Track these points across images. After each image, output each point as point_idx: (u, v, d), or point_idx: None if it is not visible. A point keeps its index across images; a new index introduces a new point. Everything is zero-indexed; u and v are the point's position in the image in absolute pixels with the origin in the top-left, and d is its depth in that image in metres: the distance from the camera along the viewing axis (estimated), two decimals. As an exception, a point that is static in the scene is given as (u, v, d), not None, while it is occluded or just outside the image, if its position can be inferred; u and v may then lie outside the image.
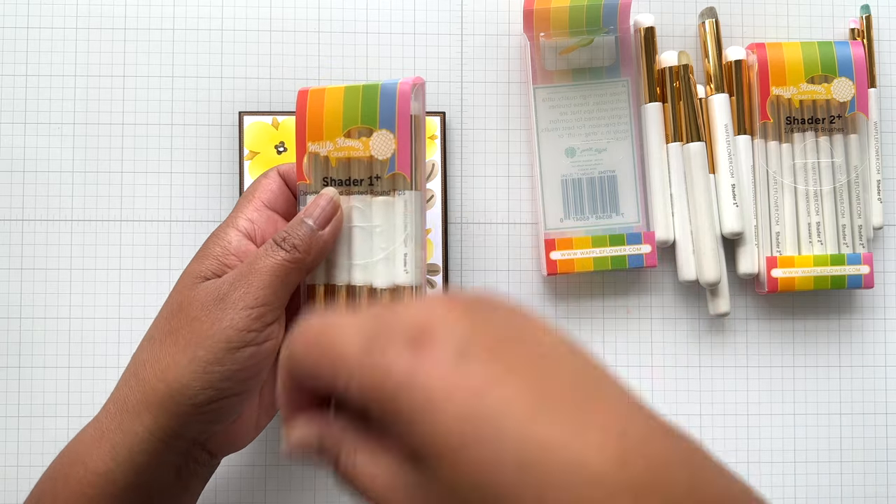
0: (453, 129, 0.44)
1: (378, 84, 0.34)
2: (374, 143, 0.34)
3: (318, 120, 0.34)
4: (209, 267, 0.32)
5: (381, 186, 0.34)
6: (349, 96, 0.34)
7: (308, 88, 0.35)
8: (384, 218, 0.34)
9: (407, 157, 0.34)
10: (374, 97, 0.34)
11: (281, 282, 0.31)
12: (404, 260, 0.34)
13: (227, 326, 0.30)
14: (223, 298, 0.30)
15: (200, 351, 0.30)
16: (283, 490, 0.42)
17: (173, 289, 0.33)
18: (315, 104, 0.34)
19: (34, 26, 0.43)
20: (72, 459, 0.31)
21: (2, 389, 0.42)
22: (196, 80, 0.43)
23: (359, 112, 0.34)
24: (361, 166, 0.34)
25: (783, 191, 0.42)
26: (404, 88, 0.34)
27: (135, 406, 0.30)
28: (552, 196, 0.42)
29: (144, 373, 0.31)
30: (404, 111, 0.34)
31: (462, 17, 0.44)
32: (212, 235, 0.33)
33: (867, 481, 0.44)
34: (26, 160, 0.43)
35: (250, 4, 0.44)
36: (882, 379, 0.44)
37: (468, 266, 0.43)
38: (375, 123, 0.34)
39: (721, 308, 0.43)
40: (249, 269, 0.31)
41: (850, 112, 0.42)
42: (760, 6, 0.45)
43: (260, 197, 0.34)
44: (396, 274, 0.34)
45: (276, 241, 0.32)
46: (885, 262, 0.45)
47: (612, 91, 0.43)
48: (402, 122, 0.34)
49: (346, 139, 0.34)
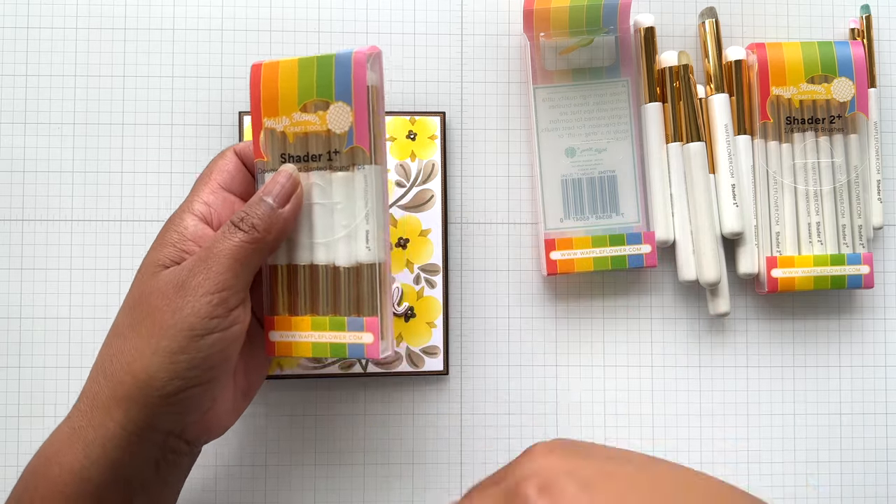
0: (453, 129, 0.44)
1: (332, 55, 0.32)
2: (331, 116, 0.33)
3: (273, 94, 0.33)
4: (167, 255, 0.31)
5: (340, 161, 0.33)
6: (304, 69, 0.33)
7: (261, 62, 0.33)
8: (344, 194, 0.33)
9: (365, 129, 0.32)
10: (329, 68, 0.32)
11: (241, 264, 0.30)
12: (366, 237, 0.33)
13: (189, 314, 0.29)
14: (183, 286, 0.30)
15: (164, 341, 0.29)
16: (283, 490, 0.42)
17: (134, 280, 0.32)
18: (269, 78, 0.33)
19: (34, 26, 0.43)
20: (47, 459, 0.30)
21: (2, 389, 0.42)
22: (196, 80, 0.43)
23: (314, 85, 0.32)
24: (319, 141, 0.33)
25: (783, 191, 0.42)
26: (359, 58, 0.32)
27: (104, 401, 0.30)
28: (552, 196, 0.42)
29: (111, 367, 0.30)
30: (360, 82, 0.32)
31: (462, 17, 0.44)
32: (168, 222, 0.33)
33: (867, 481, 0.44)
34: (26, 160, 0.43)
35: (250, 4, 0.44)
36: (882, 379, 0.44)
37: (468, 266, 0.43)
38: (331, 96, 0.32)
39: (721, 308, 0.43)
40: (208, 253, 0.30)
41: (850, 112, 0.42)
42: (760, 6, 0.45)
43: (216, 178, 0.33)
44: (359, 251, 0.33)
45: (234, 223, 0.31)
46: (885, 262, 0.45)
47: (612, 91, 0.43)
48: (359, 94, 0.32)
49: (302, 113, 0.33)
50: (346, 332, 0.33)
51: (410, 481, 0.43)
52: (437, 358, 0.42)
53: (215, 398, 0.32)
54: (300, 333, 0.34)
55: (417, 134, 0.42)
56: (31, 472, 0.31)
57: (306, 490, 0.42)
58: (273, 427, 0.42)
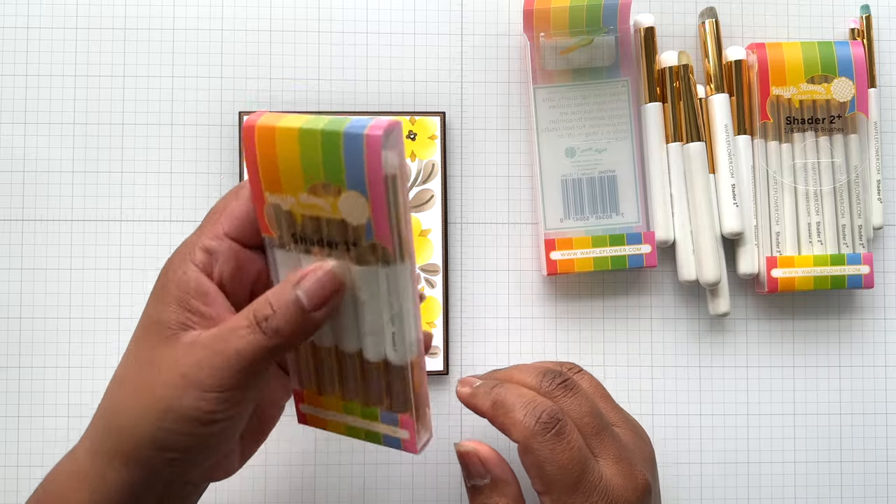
0: (453, 129, 0.44)
1: (340, 131, 0.25)
2: (344, 206, 0.26)
3: (273, 168, 0.27)
4: (172, 316, 0.29)
5: (361, 253, 0.27)
6: (305, 143, 0.26)
7: (254, 121, 0.27)
8: (368, 290, 0.28)
9: (385, 224, 0.26)
10: (337, 149, 0.25)
11: (254, 367, 0.28)
12: (392, 339, 0.28)
13: (193, 407, 0.27)
14: (192, 374, 0.28)
15: (167, 419, 0.28)
16: (283, 490, 0.42)
17: (139, 334, 0.30)
18: (266, 147, 0.27)
19: (34, 26, 0.43)
20: (54, 499, 0.30)
21: (2, 389, 0.42)
22: (196, 80, 0.43)
23: (320, 165, 0.26)
24: (334, 227, 0.27)
25: (783, 191, 0.42)
26: (373, 140, 0.25)
27: (107, 452, 0.29)
28: (552, 196, 0.42)
29: (115, 420, 0.29)
30: (375, 170, 0.25)
31: (462, 17, 0.44)
32: (169, 268, 0.30)
33: (867, 481, 0.44)
34: (26, 160, 0.43)
35: (250, 4, 0.44)
36: (882, 379, 0.44)
37: (468, 266, 0.43)
38: (342, 182, 0.26)
39: (721, 308, 0.43)
40: (224, 346, 0.27)
41: (850, 112, 0.42)
42: (760, 6, 0.45)
43: (223, 224, 0.29)
44: (386, 352, 0.29)
45: (256, 320, 0.27)
46: (885, 262, 0.45)
47: (612, 91, 0.43)
48: (374, 184, 0.25)
49: (310, 196, 0.27)
50: (380, 424, 0.31)
51: (410, 481, 0.43)
52: (437, 358, 0.42)
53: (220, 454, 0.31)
54: (332, 413, 0.32)
55: (417, 134, 0.42)
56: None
57: (306, 490, 0.42)
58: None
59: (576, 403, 0.32)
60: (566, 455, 0.30)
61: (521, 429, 0.31)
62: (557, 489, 0.30)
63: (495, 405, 0.32)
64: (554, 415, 0.30)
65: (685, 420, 0.43)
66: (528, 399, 0.31)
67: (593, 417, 0.32)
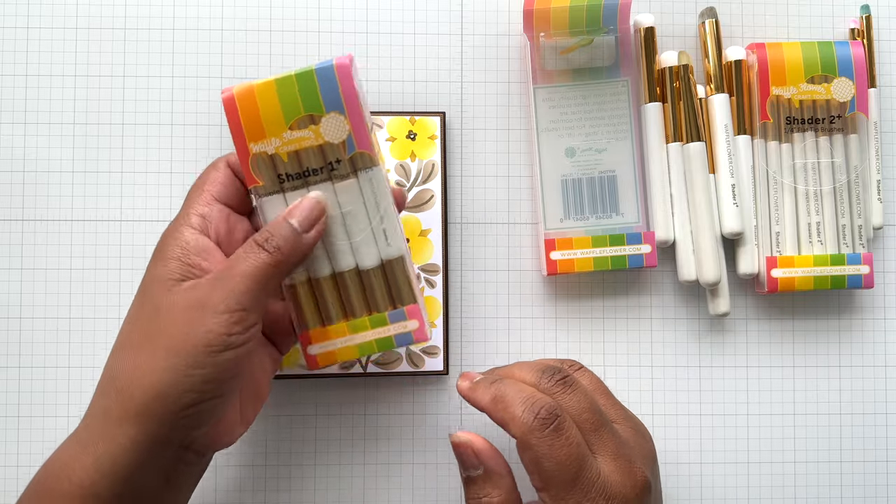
0: (453, 129, 0.44)
1: (311, 68, 0.32)
2: (325, 128, 0.33)
3: (255, 119, 0.33)
4: (175, 269, 0.31)
5: (343, 170, 0.33)
6: (283, 87, 0.32)
7: (231, 90, 0.33)
8: (352, 201, 0.33)
9: (365, 134, 0.33)
10: (312, 82, 0.32)
11: (261, 285, 0.31)
12: (384, 235, 0.34)
13: (208, 331, 0.29)
14: (202, 302, 0.30)
15: (180, 356, 0.29)
16: (283, 490, 0.42)
17: (140, 294, 0.32)
18: (247, 103, 0.32)
19: (34, 26, 0.43)
20: (54, 474, 0.30)
21: (2, 389, 0.42)
22: (196, 80, 0.43)
23: (298, 101, 0.32)
24: (313, 155, 0.33)
25: (783, 191, 0.42)
26: (342, 64, 0.32)
27: (116, 416, 0.29)
28: (552, 196, 0.42)
29: (122, 382, 0.30)
30: (349, 88, 0.32)
31: (462, 17, 0.44)
32: (166, 236, 0.32)
33: (867, 481, 0.44)
34: (26, 160, 0.43)
35: (250, 4, 0.44)
36: (882, 379, 0.44)
37: (468, 266, 0.43)
38: (321, 109, 0.33)
39: (721, 308, 0.43)
40: (229, 271, 0.30)
41: (850, 112, 0.42)
42: (760, 6, 0.45)
43: (209, 190, 0.33)
44: (382, 250, 0.34)
45: (259, 242, 0.31)
46: (885, 262, 0.45)
47: (612, 91, 0.43)
48: (350, 100, 0.32)
49: (292, 131, 0.33)
50: (390, 325, 0.35)
51: (410, 481, 0.43)
52: (437, 358, 0.42)
53: (226, 410, 0.32)
54: (340, 340, 0.35)
55: (417, 134, 0.42)
56: (35, 490, 0.30)
57: (306, 490, 0.42)
58: (273, 427, 0.42)
59: (574, 400, 0.32)
60: (564, 451, 0.30)
61: (519, 424, 0.31)
62: (555, 485, 0.30)
63: (495, 400, 0.32)
64: (552, 411, 0.31)
65: (685, 420, 0.44)
66: (527, 395, 0.32)
67: (592, 414, 0.32)
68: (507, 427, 0.31)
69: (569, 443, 0.30)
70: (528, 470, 0.31)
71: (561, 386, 0.33)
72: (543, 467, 0.30)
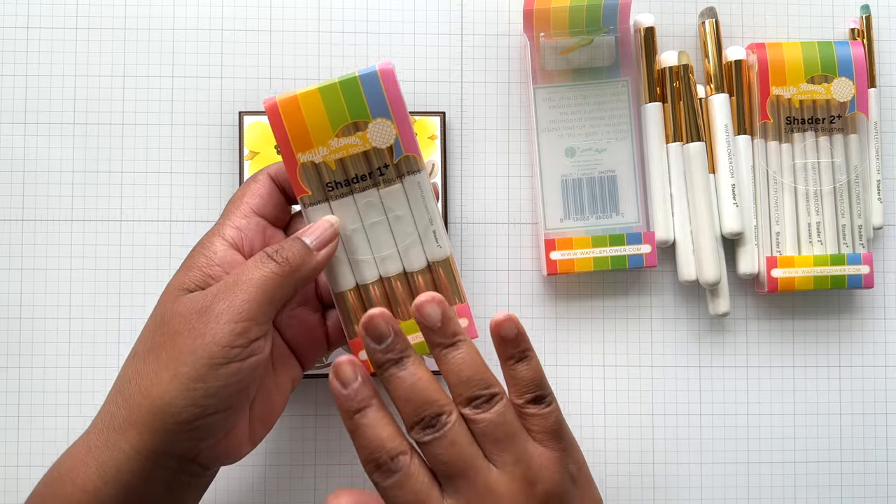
0: (453, 129, 0.44)
1: (354, 75, 0.32)
2: (372, 133, 0.33)
3: (301, 128, 0.33)
4: (193, 278, 0.31)
5: (389, 175, 0.33)
6: (328, 96, 0.32)
7: (274, 99, 0.32)
8: (400, 205, 0.34)
9: (411, 138, 0.33)
10: (357, 89, 0.32)
11: (267, 296, 0.30)
12: (435, 237, 0.34)
13: (210, 342, 0.29)
14: (206, 311, 0.29)
15: (183, 367, 0.29)
16: (283, 490, 0.42)
17: (158, 301, 0.32)
18: (292, 113, 0.32)
19: (34, 26, 0.43)
20: (61, 477, 0.30)
21: (2, 389, 0.42)
22: (196, 80, 0.43)
23: (345, 109, 0.32)
24: (359, 163, 0.33)
25: (783, 191, 0.42)
26: (386, 70, 0.32)
27: (120, 423, 0.29)
28: (552, 196, 0.42)
29: (129, 389, 0.30)
30: (394, 93, 0.32)
31: (462, 17, 0.44)
32: (198, 245, 0.32)
33: (867, 481, 0.44)
34: (26, 160, 0.43)
35: (250, 4, 0.44)
36: (882, 379, 0.44)
37: (468, 266, 0.43)
38: (367, 115, 0.32)
39: (721, 308, 0.43)
40: (235, 280, 0.30)
41: (850, 112, 0.42)
42: (760, 6, 0.45)
43: (248, 202, 0.33)
44: (430, 252, 0.34)
45: (268, 254, 0.31)
46: (885, 262, 0.45)
47: (612, 91, 0.43)
48: (396, 105, 0.33)
49: (339, 139, 0.33)
50: None
51: (410, 481, 0.43)
52: (437, 358, 0.42)
53: (231, 426, 0.31)
54: None
55: (417, 134, 0.42)
56: (43, 491, 0.31)
57: (306, 490, 0.42)
58: (274, 428, 0.42)
59: (441, 448, 0.30)
60: (402, 500, 0.29)
61: (364, 465, 0.30)
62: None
63: (351, 431, 0.30)
64: (391, 467, 0.29)
65: (685, 420, 0.44)
66: (376, 444, 0.30)
67: (457, 463, 0.30)
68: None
69: (413, 491, 0.29)
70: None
71: (430, 433, 0.30)
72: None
